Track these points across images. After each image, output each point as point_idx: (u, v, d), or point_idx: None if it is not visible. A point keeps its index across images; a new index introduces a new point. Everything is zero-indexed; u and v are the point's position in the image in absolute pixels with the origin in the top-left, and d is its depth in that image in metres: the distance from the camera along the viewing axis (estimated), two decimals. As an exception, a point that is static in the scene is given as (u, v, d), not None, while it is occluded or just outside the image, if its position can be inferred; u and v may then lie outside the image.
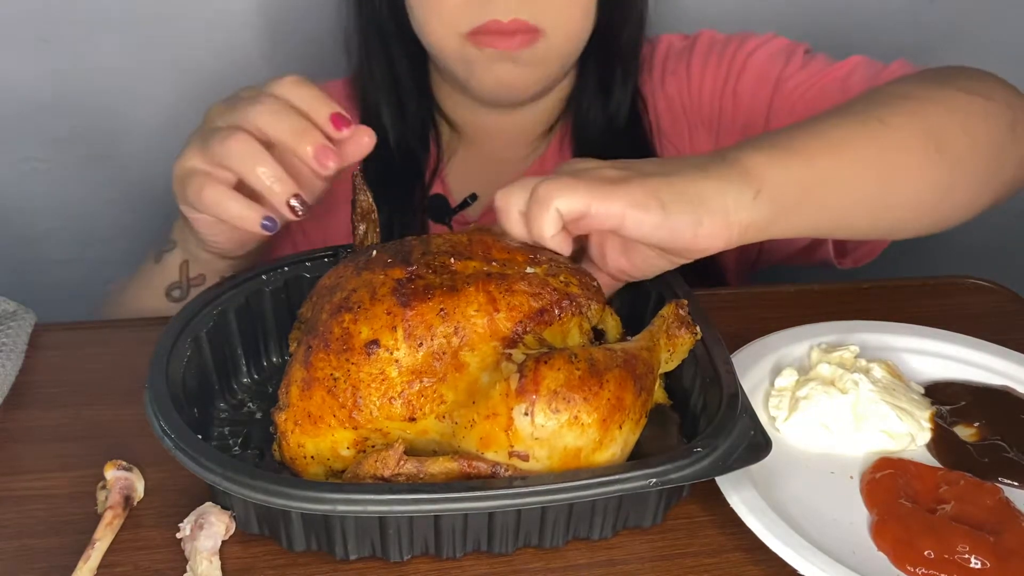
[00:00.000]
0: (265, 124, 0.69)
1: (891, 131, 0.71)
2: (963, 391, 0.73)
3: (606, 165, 0.65)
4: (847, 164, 0.69)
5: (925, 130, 0.73)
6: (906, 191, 0.73)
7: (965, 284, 0.92)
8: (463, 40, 0.88)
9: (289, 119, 0.69)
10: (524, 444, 0.57)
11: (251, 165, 0.68)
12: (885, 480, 0.64)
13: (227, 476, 0.55)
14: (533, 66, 0.91)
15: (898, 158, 0.71)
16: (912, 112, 0.73)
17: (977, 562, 0.57)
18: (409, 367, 0.60)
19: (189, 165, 0.71)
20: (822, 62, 0.95)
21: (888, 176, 0.71)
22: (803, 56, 0.96)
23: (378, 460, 0.57)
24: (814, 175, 0.67)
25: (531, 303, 0.62)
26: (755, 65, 0.97)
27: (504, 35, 0.87)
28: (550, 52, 0.91)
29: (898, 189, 0.72)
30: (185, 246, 0.84)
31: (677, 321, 0.66)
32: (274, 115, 0.69)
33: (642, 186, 0.62)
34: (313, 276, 0.73)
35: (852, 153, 0.69)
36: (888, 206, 0.73)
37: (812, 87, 0.94)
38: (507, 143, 1.03)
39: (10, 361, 0.74)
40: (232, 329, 0.72)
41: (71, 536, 0.60)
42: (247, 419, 0.70)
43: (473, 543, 0.59)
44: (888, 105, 0.73)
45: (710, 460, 0.57)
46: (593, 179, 0.62)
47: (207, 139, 0.70)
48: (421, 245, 0.65)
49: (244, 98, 0.71)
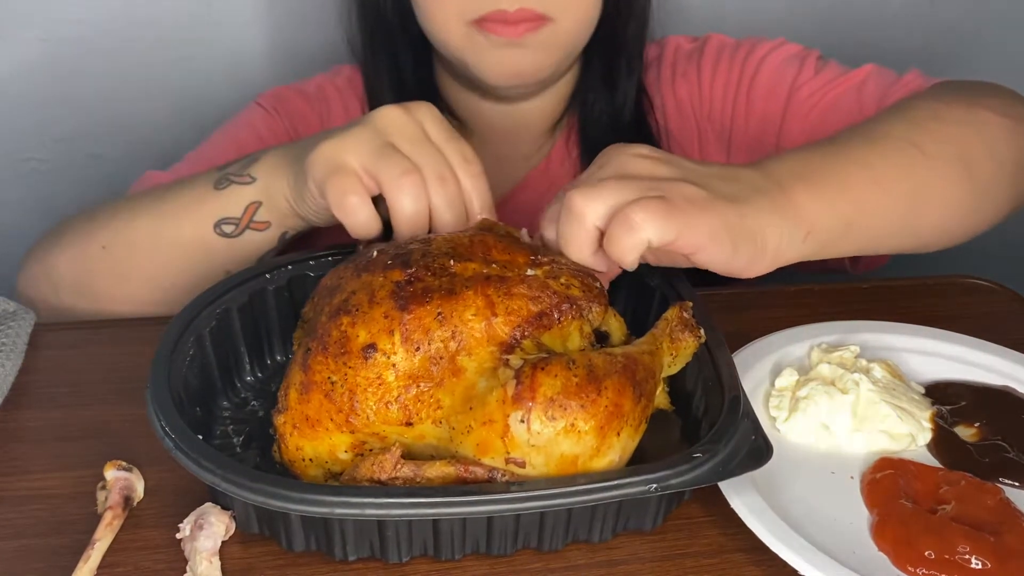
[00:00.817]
0: (439, 203, 0.70)
1: (928, 160, 0.73)
2: (964, 391, 0.73)
3: (676, 174, 0.64)
4: (885, 194, 0.71)
5: (958, 157, 0.75)
6: (935, 215, 0.76)
7: (965, 284, 0.92)
8: (468, 28, 0.88)
9: (453, 217, 0.71)
10: (520, 451, 0.57)
11: (409, 208, 0.69)
12: (885, 480, 0.64)
13: (226, 477, 0.55)
14: (540, 51, 0.90)
15: (932, 186, 0.74)
16: (947, 139, 0.76)
17: (978, 562, 0.57)
18: (406, 372, 0.60)
19: (345, 161, 0.70)
20: (835, 69, 0.95)
21: (921, 203, 0.74)
22: (816, 62, 0.96)
23: (375, 463, 0.57)
24: (856, 210, 0.69)
25: (530, 307, 0.61)
26: (768, 71, 0.97)
27: (509, 23, 0.87)
28: (557, 38, 0.90)
29: (928, 213, 0.75)
30: (269, 191, 0.79)
31: (681, 324, 0.65)
32: (450, 206, 0.70)
33: (721, 217, 0.61)
34: (317, 275, 0.73)
35: (891, 184, 0.72)
36: (916, 229, 0.76)
37: (826, 95, 0.93)
38: (513, 139, 1.02)
39: (10, 361, 0.74)
40: (235, 328, 0.72)
41: (71, 536, 0.60)
42: (250, 417, 0.70)
43: (472, 545, 0.59)
44: (924, 130, 0.75)
45: (711, 466, 0.57)
46: (679, 204, 0.60)
47: (382, 156, 0.70)
48: (422, 246, 0.65)
49: (434, 142, 0.72)
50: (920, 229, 0.76)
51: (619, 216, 0.60)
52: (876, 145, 0.73)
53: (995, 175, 0.78)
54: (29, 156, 1.27)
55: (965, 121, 0.78)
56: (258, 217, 0.80)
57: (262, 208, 0.80)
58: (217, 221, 0.81)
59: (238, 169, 0.81)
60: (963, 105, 0.79)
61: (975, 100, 0.80)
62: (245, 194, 0.80)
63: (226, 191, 0.81)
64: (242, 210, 0.80)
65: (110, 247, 0.84)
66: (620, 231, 0.60)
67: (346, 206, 0.69)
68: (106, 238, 0.85)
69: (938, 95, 0.82)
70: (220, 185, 0.81)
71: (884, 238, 0.75)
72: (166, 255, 0.83)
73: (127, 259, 0.84)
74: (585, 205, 0.62)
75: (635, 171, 0.64)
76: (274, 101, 1.03)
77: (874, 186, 0.71)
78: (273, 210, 0.79)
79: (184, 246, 0.82)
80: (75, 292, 0.86)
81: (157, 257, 0.84)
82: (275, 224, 0.80)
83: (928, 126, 0.76)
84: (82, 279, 0.86)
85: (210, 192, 0.81)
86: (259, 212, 0.80)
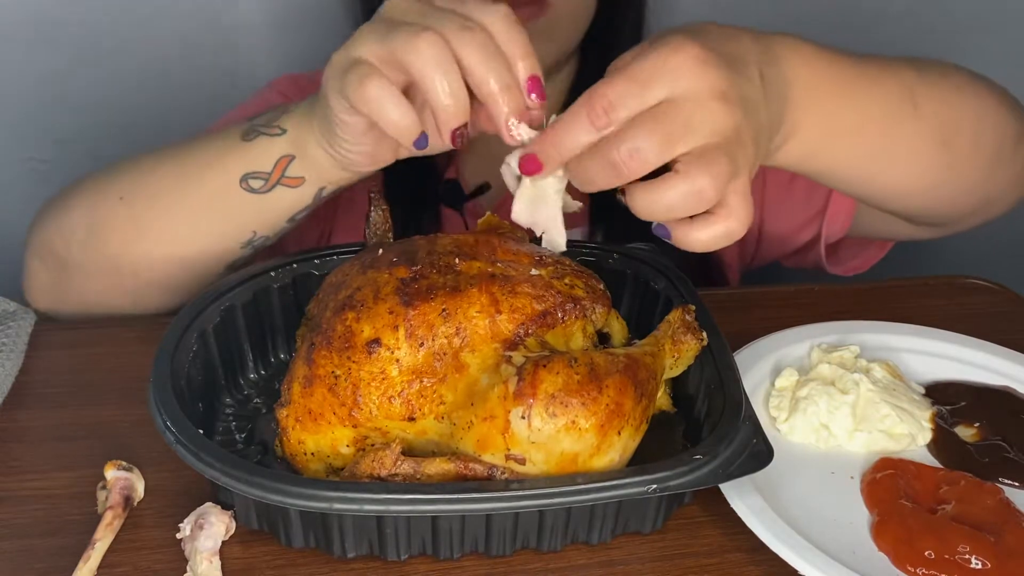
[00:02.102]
0: (469, 55, 0.60)
1: (916, 119, 0.72)
2: (964, 391, 0.73)
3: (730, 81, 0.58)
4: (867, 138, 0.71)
5: (945, 124, 0.74)
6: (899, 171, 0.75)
7: (965, 284, 0.92)
8: None
9: (497, 66, 0.60)
10: (521, 447, 0.57)
11: (433, 70, 0.59)
12: (885, 480, 0.64)
13: (226, 472, 0.55)
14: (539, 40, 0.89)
15: (910, 143, 0.73)
16: (943, 101, 0.74)
17: (978, 562, 0.57)
18: (410, 367, 0.60)
19: (357, 55, 0.62)
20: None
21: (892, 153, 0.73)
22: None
23: (375, 460, 0.57)
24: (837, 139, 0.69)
25: (534, 305, 0.61)
26: None
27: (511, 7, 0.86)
28: (556, 24, 0.89)
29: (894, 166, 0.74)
30: (301, 143, 0.72)
31: (683, 327, 0.65)
32: (482, 51, 0.60)
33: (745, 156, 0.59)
34: (321, 273, 0.73)
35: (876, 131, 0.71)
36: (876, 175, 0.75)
37: None
38: None
39: (10, 361, 0.74)
40: (239, 325, 0.72)
41: (71, 536, 0.60)
42: (253, 414, 0.70)
43: (471, 544, 0.59)
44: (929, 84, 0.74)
45: (711, 467, 0.57)
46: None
47: (390, 32, 0.61)
48: (427, 244, 0.65)
49: (444, 8, 0.62)
50: (880, 177, 0.75)
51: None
52: (882, 81, 0.72)
53: (971, 155, 0.77)
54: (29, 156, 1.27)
55: (968, 91, 0.77)
56: (291, 172, 0.73)
57: (295, 162, 0.73)
58: (244, 175, 0.74)
59: (267, 120, 0.75)
60: (970, 79, 0.79)
61: (977, 77, 0.80)
62: (276, 146, 0.73)
63: (255, 143, 0.74)
64: (272, 164, 0.73)
65: (128, 198, 0.78)
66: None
67: (368, 95, 0.61)
68: (125, 188, 0.79)
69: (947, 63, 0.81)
70: (248, 136, 0.74)
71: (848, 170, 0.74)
72: (187, 210, 0.77)
73: (145, 212, 0.78)
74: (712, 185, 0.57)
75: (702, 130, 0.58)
76: (288, 86, 1.02)
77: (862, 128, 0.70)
78: (308, 164, 0.73)
79: (207, 200, 0.76)
80: (87, 246, 0.80)
81: (178, 212, 0.77)
82: (310, 180, 0.73)
83: (934, 81, 0.75)
84: (96, 231, 0.80)
85: (237, 143, 0.75)
86: (291, 167, 0.73)
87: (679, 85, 0.56)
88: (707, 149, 0.57)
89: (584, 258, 0.77)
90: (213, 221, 0.77)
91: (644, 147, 0.56)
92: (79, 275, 0.82)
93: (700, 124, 0.57)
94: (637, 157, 0.56)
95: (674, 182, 0.56)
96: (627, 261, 0.77)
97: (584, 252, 0.78)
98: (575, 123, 0.57)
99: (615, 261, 0.77)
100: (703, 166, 0.56)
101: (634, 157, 0.56)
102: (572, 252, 0.75)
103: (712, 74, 0.57)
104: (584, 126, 0.57)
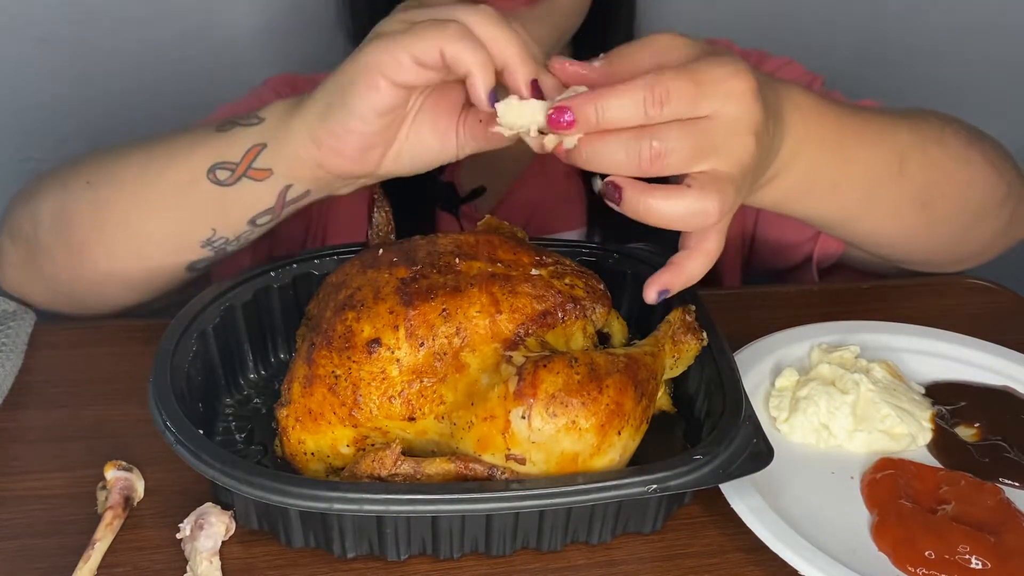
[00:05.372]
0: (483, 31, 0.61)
1: (900, 182, 0.76)
2: (964, 391, 0.73)
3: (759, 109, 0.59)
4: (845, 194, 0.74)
5: (928, 185, 0.78)
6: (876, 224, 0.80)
7: (965, 284, 0.92)
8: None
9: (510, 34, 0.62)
10: (521, 447, 0.57)
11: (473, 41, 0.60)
12: (886, 480, 0.64)
13: (226, 472, 0.55)
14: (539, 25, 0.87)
15: (888, 202, 0.77)
16: (931, 165, 0.78)
17: (978, 562, 0.57)
18: (410, 367, 0.60)
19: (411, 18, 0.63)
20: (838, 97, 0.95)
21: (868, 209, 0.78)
22: (820, 88, 0.96)
23: (375, 460, 0.57)
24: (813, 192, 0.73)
25: (534, 305, 0.61)
26: None
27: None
28: (556, 12, 0.89)
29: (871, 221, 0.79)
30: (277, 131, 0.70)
31: (684, 327, 0.66)
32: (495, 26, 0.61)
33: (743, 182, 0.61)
34: (321, 273, 0.73)
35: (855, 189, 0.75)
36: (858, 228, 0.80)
37: None
38: None
39: (10, 361, 0.74)
40: (239, 325, 0.72)
41: (71, 536, 0.60)
42: (253, 414, 0.70)
43: (471, 544, 0.59)
44: (921, 149, 0.77)
45: (711, 468, 0.57)
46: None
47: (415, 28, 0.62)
48: (427, 244, 0.65)
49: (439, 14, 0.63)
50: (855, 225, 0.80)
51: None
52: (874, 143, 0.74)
53: (950, 216, 0.82)
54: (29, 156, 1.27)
55: (960, 157, 0.80)
56: (258, 163, 0.71)
57: (265, 152, 0.71)
58: (212, 165, 0.72)
59: (247, 114, 0.73)
60: (964, 140, 0.82)
61: (974, 140, 0.83)
62: (248, 135, 0.72)
63: (229, 133, 0.73)
64: (242, 153, 0.71)
65: (95, 183, 0.77)
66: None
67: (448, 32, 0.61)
68: (93, 174, 0.78)
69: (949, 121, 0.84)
70: (224, 128, 0.73)
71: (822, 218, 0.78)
72: (150, 199, 0.76)
73: (109, 199, 0.77)
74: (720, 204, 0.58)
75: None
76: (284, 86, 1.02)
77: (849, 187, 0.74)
78: (279, 154, 0.70)
79: (171, 190, 0.74)
80: (52, 229, 0.79)
81: (140, 201, 0.76)
82: (278, 173, 0.71)
83: (927, 145, 0.78)
84: (61, 215, 0.79)
85: (211, 134, 0.74)
86: (261, 156, 0.71)
87: (729, 108, 0.58)
88: (721, 175, 0.58)
89: (584, 258, 0.77)
90: (174, 213, 0.75)
91: (674, 150, 0.56)
92: (46, 259, 0.81)
93: (729, 151, 0.58)
94: (663, 157, 0.56)
95: (686, 195, 0.57)
96: (627, 261, 0.77)
97: (584, 252, 0.78)
98: (628, 98, 0.56)
99: (615, 261, 0.77)
100: (717, 190, 0.57)
101: (660, 156, 0.56)
102: (572, 252, 0.75)
103: (758, 111, 0.59)
104: (636, 106, 0.56)
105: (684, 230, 0.60)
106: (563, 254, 0.69)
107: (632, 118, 0.56)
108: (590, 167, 0.58)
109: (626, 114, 0.56)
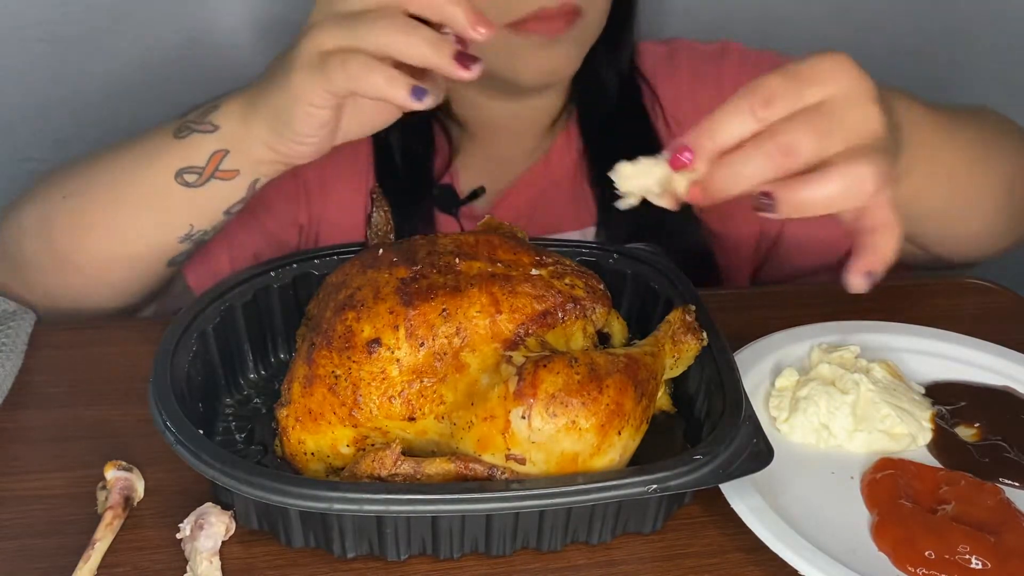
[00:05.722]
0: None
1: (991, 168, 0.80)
2: (964, 391, 0.73)
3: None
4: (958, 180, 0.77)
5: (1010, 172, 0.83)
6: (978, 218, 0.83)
7: (965, 284, 0.92)
8: (505, 30, 0.85)
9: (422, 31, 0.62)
10: (521, 447, 0.57)
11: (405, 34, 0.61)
12: (886, 480, 0.64)
13: (226, 472, 0.55)
14: (573, 46, 0.89)
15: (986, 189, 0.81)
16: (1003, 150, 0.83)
17: (978, 563, 0.57)
18: (410, 367, 0.60)
19: (321, 44, 0.64)
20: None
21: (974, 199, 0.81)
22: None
23: (375, 460, 0.57)
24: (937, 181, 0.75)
25: (534, 305, 0.61)
26: None
27: (548, 19, 0.85)
28: (587, 30, 0.90)
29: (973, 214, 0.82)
30: (236, 138, 0.73)
31: (684, 327, 0.66)
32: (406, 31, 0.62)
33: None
34: (322, 273, 0.73)
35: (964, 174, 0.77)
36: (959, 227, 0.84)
37: None
38: (517, 137, 1.02)
39: (10, 361, 0.74)
40: (239, 325, 0.72)
41: (71, 536, 0.60)
42: (253, 414, 0.70)
43: (471, 544, 0.59)
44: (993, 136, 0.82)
45: (711, 468, 0.57)
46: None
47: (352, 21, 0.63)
48: (427, 244, 0.65)
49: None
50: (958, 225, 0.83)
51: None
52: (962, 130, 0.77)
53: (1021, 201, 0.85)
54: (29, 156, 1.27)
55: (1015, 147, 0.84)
56: (225, 166, 0.74)
57: (229, 156, 0.74)
58: (179, 170, 0.75)
59: (198, 116, 0.76)
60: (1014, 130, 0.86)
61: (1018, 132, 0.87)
62: (208, 142, 0.74)
63: (187, 140, 0.75)
64: (206, 159, 0.75)
65: (70, 196, 0.81)
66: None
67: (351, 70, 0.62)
68: (67, 187, 0.82)
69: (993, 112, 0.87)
70: (180, 134, 0.76)
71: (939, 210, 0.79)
72: (125, 207, 0.79)
73: (86, 210, 0.80)
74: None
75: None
76: None
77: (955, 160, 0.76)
78: (243, 157, 0.74)
79: (144, 196, 0.78)
80: (36, 244, 0.83)
81: (116, 210, 0.79)
82: (245, 172, 0.75)
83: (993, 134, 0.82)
84: (42, 230, 0.82)
85: (170, 141, 0.76)
86: (226, 160, 0.74)
87: (839, 86, 0.57)
88: (859, 147, 0.57)
89: (584, 258, 0.77)
90: (150, 217, 0.78)
91: (800, 138, 0.55)
92: (33, 272, 0.84)
93: (854, 123, 0.57)
94: (792, 148, 0.55)
95: (832, 171, 0.56)
96: (627, 261, 0.77)
97: (584, 252, 0.78)
98: (736, 112, 0.56)
99: (615, 261, 0.77)
100: (863, 156, 0.56)
101: (789, 148, 0.55)
102: (572, 252, 0.75)
103: (868, 81, 0.58)
104: (745, 115, 0.56)
105: (851, 207, 0.58)
106: (563, 254, 0.69)
107: (746, 127, 0.56)
108: (733, 191, 0.57)
109: (739, 125, 0.56)
